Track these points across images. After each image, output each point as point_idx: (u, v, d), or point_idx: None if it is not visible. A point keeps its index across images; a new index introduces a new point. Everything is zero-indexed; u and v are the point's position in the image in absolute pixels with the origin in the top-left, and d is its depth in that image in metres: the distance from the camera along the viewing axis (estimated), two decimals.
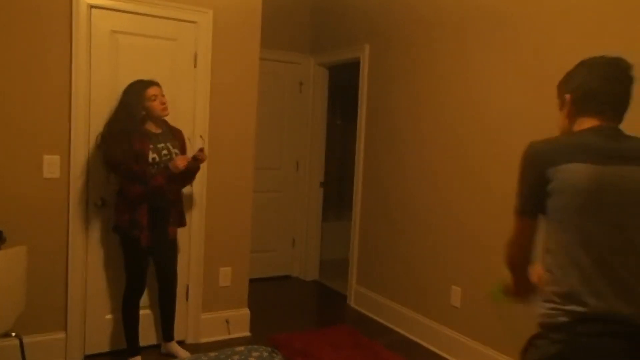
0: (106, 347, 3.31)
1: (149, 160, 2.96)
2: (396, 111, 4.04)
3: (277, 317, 4.20)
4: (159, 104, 2.99)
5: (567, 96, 1.60)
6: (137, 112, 2.97)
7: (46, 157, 3.04)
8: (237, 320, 3.72)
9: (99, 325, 3.27)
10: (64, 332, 3.16)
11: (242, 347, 2.26)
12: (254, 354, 2.18)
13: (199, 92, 3.43)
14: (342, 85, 5.63)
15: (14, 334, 2.61)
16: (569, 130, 1.59)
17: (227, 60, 3.52)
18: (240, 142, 3.62)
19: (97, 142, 3.10)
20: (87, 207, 3.16)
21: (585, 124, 1.54)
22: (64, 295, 3.14)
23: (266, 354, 2.19)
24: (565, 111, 1.62)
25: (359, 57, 4.42)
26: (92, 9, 3.08)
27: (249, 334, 3.75)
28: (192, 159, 3.02)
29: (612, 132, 1.51)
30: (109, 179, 3.17)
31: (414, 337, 3.81)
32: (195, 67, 3.41)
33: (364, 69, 4.38)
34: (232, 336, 3.67)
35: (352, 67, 4.60)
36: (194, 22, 3.38)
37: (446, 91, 3.57)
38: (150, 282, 3.27)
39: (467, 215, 3.40)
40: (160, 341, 3.41)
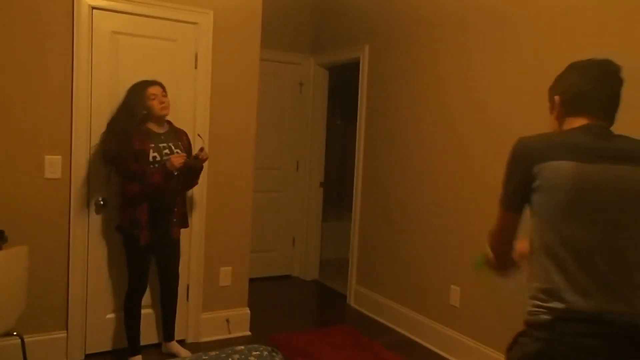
0: (107, 347, 3.31)
1: (150, 159, 2.98)
2: (396, 111, 4.04)
3: (277, 317, 4.20)
4: (157, 103, 3.01)
5: (557, 98, 1.60)
6: (137, 111, 3.00)
7: (47, 157, 3.04)
8: (237, 319, 3.73)
9: (99, 324, 3.28)
10: (65, 331, 3.17)
11: (242, 347, 2.27)
12: (254, 353, 2.19)
13: (199, 93, 3.44)
14: (342, 85, 5.63)
15: (15, 334, 2.62)
16: (559, 131, 1.60)
17: (228, 60, 3.53)
18: (240, 142, 3.63)
19: (99, 141, 3.12)
20: (88, 207, 3.18)
21: (575, 123, 1.54)
22: (65, 294, 3.15)
23: (266, 353, 2.20)
24: (555, 113, 1.62)
25: (359, 57, 4.43)
26: (93, 10, 3.09)
27: (249, 333, 3.76)
28: (192, 158, 3.03)
29: (602, 130, 1.50)
30: (110, 179, 3.18)
31: (414, 336, 3.82)
32: (195, 67, 3.42)
33: (363, 69, 4.38)
34: (232, 336, 3.68)
35: (352, 67, 4.61)
36: (195, 23, 3.39)
37: (446, 91, 3.58)
38: (152, 281, 3.29)
39: (467, 215, 3.41)
40: (161, 340, 3.42)
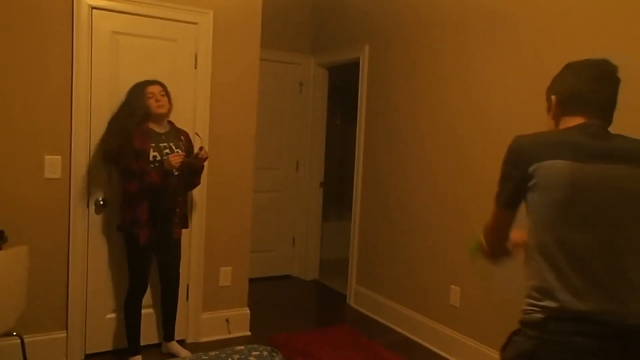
0: (107, 347, 3.31)
1: (150, 158, 2.99)
2: (396, 111, 4.04)
3: (277, 317, 4.20)
4: (154, 102, 3.03)
5: (553, 97, 1.60)
6: (137, 110, 3.02)
7: (47, 157, 3.04)
8: (237, 319, 3.73)
9: (99, 324, 3.28)
10: (65, 331, 3.17)
11: (242, 347, 2.27)
12: (254, 353, 2.19)
13: (199, 93, 3.44)
14: (342, 85, 5.63)
15: (15, 334, 2.62)
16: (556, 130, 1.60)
17: (228, 60, 3.53)
18: (240, 142, 3.63)
19: (99, 140, 3.14)
20: (88, 207, 3.18)
21: (571, 122, 1.54)
22: (65, 294, 3.15)
23: (266, 353, 2.19)
24: (551, 113, 1.62)
25: (359, 58, 4.43)
26: (93, 10, 3.09)
27: (249, 333, 3.76)
28: (191, 157, 3.04)
29: (598, 129, 1.49)
30: (110, 179, 3.18)
31: (414, 336, 3.82)
32: (195, 67, 3.42)
33: (363, 69, 4.38)
34: (232, 336, 3.68)
35: (352, 67, 4.61)
36: (195, 23, 3.38)
37: (446, 91, 3.58)
38: (153, 281, 3.29)
39: (467, 215, 3.41)
40: (161, 340, 3.42)
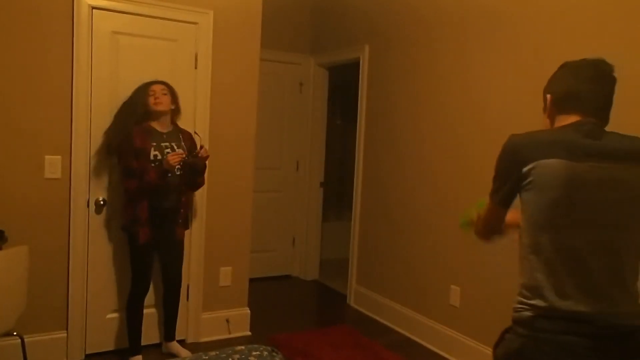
0: (107, 347, 3.31)
1: (151, 157, 2.99)
2: (396, 111, 4.04)
3: (277, 317, 4.20)
4: (152, 99, 3.05)
5: (548, 96, 1.60)
6: (138, 108, 3.04)
7: (47, 157, 3.04)
8: (237, 319, 3.73)
9: (100, 324, 3.28)
10: (65, 331, 3.17)
11: (242, 347, 2.27)
12: (254, 353, 2.19)
13: (199, 93, 3.44)
14: (342, 85, 5.63)
15: (15, 334, 2.62)
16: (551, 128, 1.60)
17: (228, 60, 3.53)
18: (240, 142, 3.63)
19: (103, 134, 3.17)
20: (88, 207, 3.18)
21: (566, 121, 1.54)
22: (65, 294, 3.15)
23: (266, 353, 2.20)
24: (547, 112, 1.62)
25: (359, 58, 4.43)
26: (93, 10, 3.09)
27: (249, 333, 3.76)
28: (190, 156, 3.05)
29: (593, 127, 1.49)
30: (110, 179, 3.19)
31: (414, 336, 3.82)
32: (195, 67, 3.42)
33: (363, 69, 4.38)
34: (232, 335, 3.68)
35: (352, 67, 4.61)
36: (195, 23, 3.38)
37: (446, 91, 3.58)
38: (156, 281, 3.30)
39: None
40: (161, 340, 3.42)
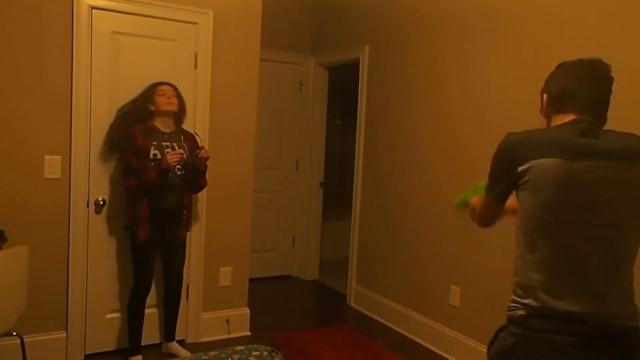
0: (107, 347, 3.31)
1: (150, 156, 3.00)
2: (396, 111, 4.04)
3: (277, 317, 4.20)
4: (165, 99, 3.07)
5: (545, 96, 1.60)
6: (144, 105, 3.07)
7: (47, 157, 3.04)
8: (237, 319, 3.73)
9: (99, 324, 3.28)
10: (65, 331, 3.17)
11: (242, 347, 2.27)
12: (254, 353, 2.19)
13: (199, 93, 3.44)
14: (342, 85, 5.63)
15: (15, 334, 2.62)
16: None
17: (228, 60, 3.53)
18: (240, 142, 3.63)
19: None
20: (88, 207, 3.17)
21: (562, 120, 1.53)
22: (65, 294, 3.15)
23: (266, 353, 2.19)
24: (543, 112, 1.62)
25: (359, 58, 4.42)
26: (93, 10, 3.09)
27: (249, 333, 3.76)
28: (190, 156, 3.05)
29: (589, 125, 1.48)
30: (110, 179, 3.19)
31: (414, 336, 3.82)
32: (195, 67, 3.42)
33: (363, 69, 4.38)
34: (232, 336, 3.68)
35: (352, 67, 4.61)
36: (195, 23, 3.38)
37: (446, 91, 3.58)
38: (157, 282, 3.30)
39: (467, 215, 3.40)
40: (161, 340, 3.42)
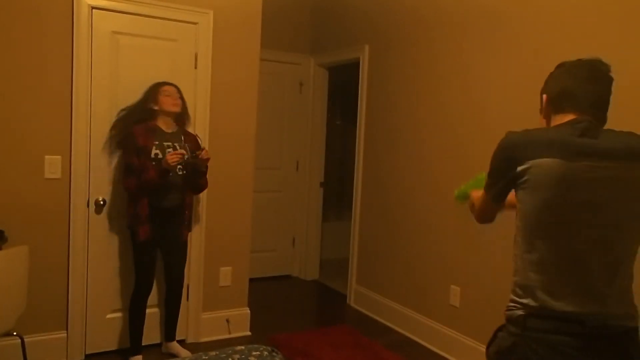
0: (107, 346, 3.31)
1: (152, 155, 3.00)
2: (396, 111, 4.04)
3: (277, 317, 4.21)
4: (170, 99, 3.08)
5: (544, 96, 1.60)
6: (147, 104, 3.07)
7: (47, 157, 3.04)
8: (237, 319, 3.73)
9: (100, 324, 3.28)
10: (65, 331, 3.17)
11: (242, 347, 2.27)
12: (254, 353, 2.19)
13: (199, 93, 3.44)
14: (342, 85, 5.63)
15: (15, 334, 2.62)
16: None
17: (228, 60, 3.53)
18: (240, 142, 3.63)
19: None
20: (88, 207, 3.18)
21: (562, 119, 1.53)
22: (65, 294, 3.15)
23: (266, 353, 2.20)
24: (543, 112, 1.62)
25: (359, 58, 4.43)
26: (93, 10, 3.09)
27: (249, 333, 3.76)
28: (190, 156, 3.05)
29: (589, 125, 1.48)
30: (111, 179, 3.20)
31: (414, 336, 3.82)
32: (195, 67, 3.42)
33: (363, 69, 4.38)
34: (232, 335, 3.68)
35: (352, 67, 4.61)
36: (195, 23, 3.39)
37: (446, 91, 3.58)
38: (159, 282, 3.30)
39: (467, 215, 3.39)
40: (161, 340, 3.42)
